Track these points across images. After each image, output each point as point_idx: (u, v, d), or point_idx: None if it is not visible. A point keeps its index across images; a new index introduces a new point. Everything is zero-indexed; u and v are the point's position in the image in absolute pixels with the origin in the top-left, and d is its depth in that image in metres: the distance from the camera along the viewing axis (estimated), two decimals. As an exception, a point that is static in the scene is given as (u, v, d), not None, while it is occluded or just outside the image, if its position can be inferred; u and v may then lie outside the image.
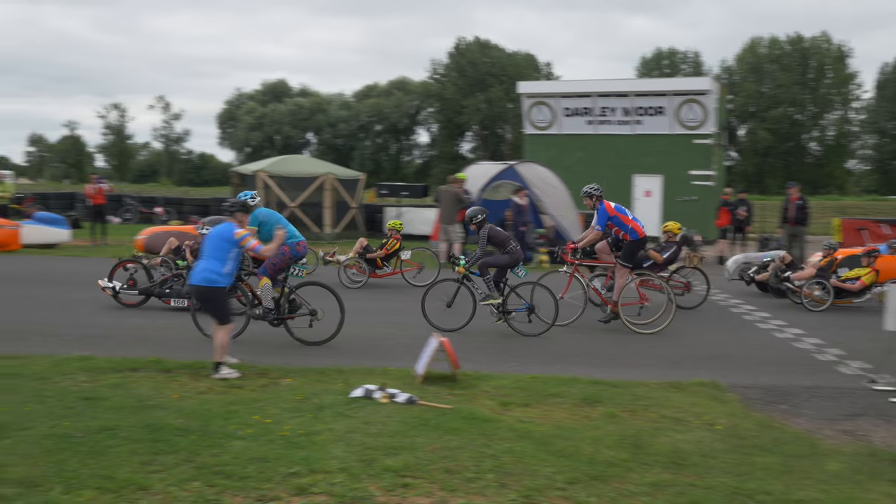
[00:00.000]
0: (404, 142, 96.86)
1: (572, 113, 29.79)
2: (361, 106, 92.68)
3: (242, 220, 8.51)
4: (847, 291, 14.13)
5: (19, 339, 9.95)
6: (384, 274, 15.56)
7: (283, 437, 6.26)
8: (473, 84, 76.76)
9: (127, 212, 30.27)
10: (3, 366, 8.24)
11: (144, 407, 6.97)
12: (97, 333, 10.38)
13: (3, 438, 6.05)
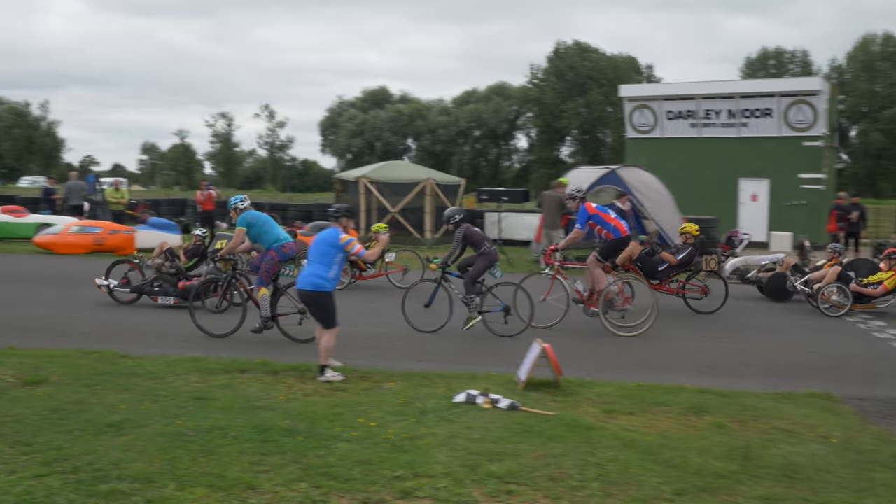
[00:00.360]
0: (503, 147, 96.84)
1: (675, 116, 29.25)
2: (461, 111, 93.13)
3: (347, 225, 8.64)
4: (868, 296, 13.79)
5: (135, 339, 10.33)
6: (369, 276, 15.73)
7: (388, 441, 6.31)
8: (572, 88, 76.20)
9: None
10: (120, 365, 8.58)
11: (253, 408, 7.13)
12: (202, 336, 10.67)
13: (121, 435, 6.29)
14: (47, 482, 5.34)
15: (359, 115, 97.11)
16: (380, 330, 11.37)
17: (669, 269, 13.51)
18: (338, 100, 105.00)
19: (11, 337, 9.96)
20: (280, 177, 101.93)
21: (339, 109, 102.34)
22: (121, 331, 10.90)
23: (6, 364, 8.50)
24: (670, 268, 13.50)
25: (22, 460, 5.74)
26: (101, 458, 5.78)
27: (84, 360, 8.76)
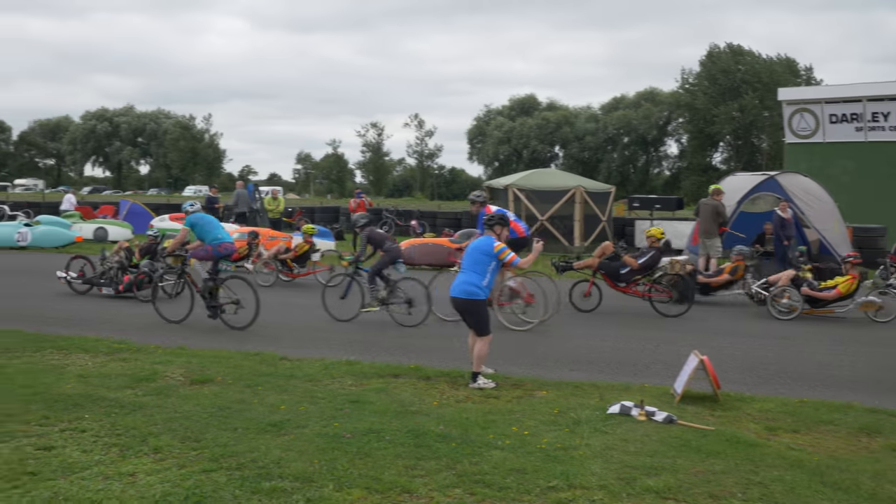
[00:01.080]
0: (652, 153, 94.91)
1: (839, 119, 27.85)
2: (609, 118, 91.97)
3: (501, 233, 8.62)
4: (822, 300, 13.73)
5: (297, 343, 10.67)
6: (299, 274, 17.02)
7: (541, 450, 6.25)
8: (726, 92, 73.74)
9: (384, 224, 31.73)
10: (280, 367, 8.88)
11: (407, 412, 7.22)
12: (362, 339, 10.92)
13: (282, 435, 6.49)
14: (214, 477, 5.57)
15: (506, 123, 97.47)
16: (531, 338, 11.30)
17: (632, 273, 13.86)
18: (485, 108, 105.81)
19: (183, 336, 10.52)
20: (428, 185, 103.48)
21: (486, 118, 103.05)
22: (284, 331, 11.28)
23: (175, 363, 8.96)
24: (633, 271, 13.84)
25: (191, 455, 6.01)
26: (263, 456, 5.98)
27: (247, 361, 9.13)
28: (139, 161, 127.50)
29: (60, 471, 5.67)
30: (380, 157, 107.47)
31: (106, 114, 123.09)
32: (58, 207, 32.39)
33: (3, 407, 7.13)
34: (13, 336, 10.38)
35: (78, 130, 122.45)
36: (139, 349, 9.74)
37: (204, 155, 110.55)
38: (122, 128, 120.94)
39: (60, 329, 11.06)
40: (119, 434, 6.49)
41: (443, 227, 29.82)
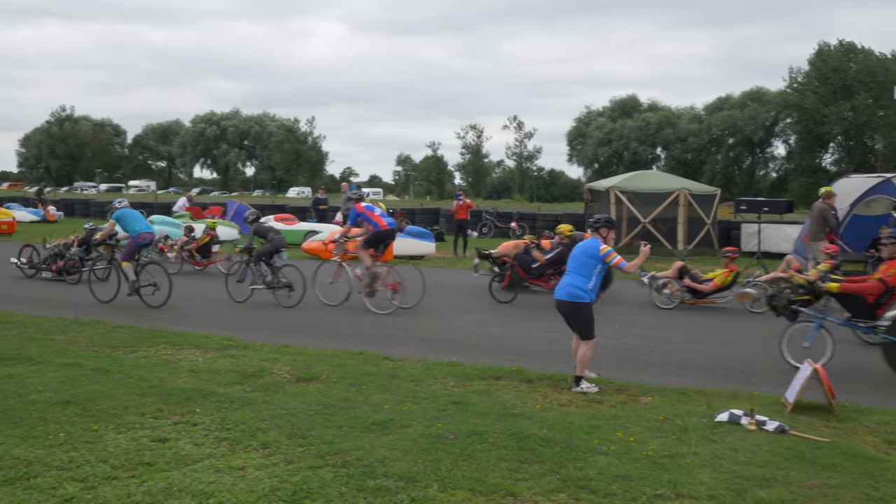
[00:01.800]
0: (759, 155, 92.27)
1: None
2: (713, 119, 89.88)
3: (607, 235, 8.50)
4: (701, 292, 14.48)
5: (398, 343, 10.76)
6: (203, 263, 18.96)
7: (647, 457, 6.12)
8: (837, 91, 70.90)
9: (485, 226, 31.80)
10: (383, 367, 8.97)
11: (509, 415, 7.19)
12: (463, 341, 10.93)
13: (386, 434, 6.55)
14: (321, 474, 5.65)
15: (607, 124, 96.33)
16: (633, 342, 11.12)
17: (542, 267, 15.04)
18: (585, 110, 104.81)
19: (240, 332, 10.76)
20: (527, 187, 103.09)
21: (586, 119, 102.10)
22: (379, 332, 11.40)
23: (281, 361, 9.16)
24: (542, 265, 15.02)
25: (298, 451, 6.12)
26: (368, 454, 6.04)
27: (351, 360, 9.26)
28: (245, 163, 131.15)
29: (174, 462, 5.85)
30: (479, 158, 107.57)
31: (214, 117, 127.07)
32: (169, 208, 33.59)
33: (122, 399, 7.41)
34: (129, 331, 10.80)
35: (188, 134, 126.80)
36: (246, 346, 9.99)
37: (307, 157, 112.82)
38: (229, 131, 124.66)
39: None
40: (229, 428, 6.66)
41: (543, 229, 29.63)
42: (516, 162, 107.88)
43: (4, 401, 7.32)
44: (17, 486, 5.39)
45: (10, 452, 6.00)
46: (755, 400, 7.85)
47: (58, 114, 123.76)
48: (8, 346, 9.68)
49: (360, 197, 15.51)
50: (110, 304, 13.38)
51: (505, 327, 12.07)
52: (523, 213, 35.27)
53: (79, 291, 14.84)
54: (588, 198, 28.91)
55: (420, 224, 30.43)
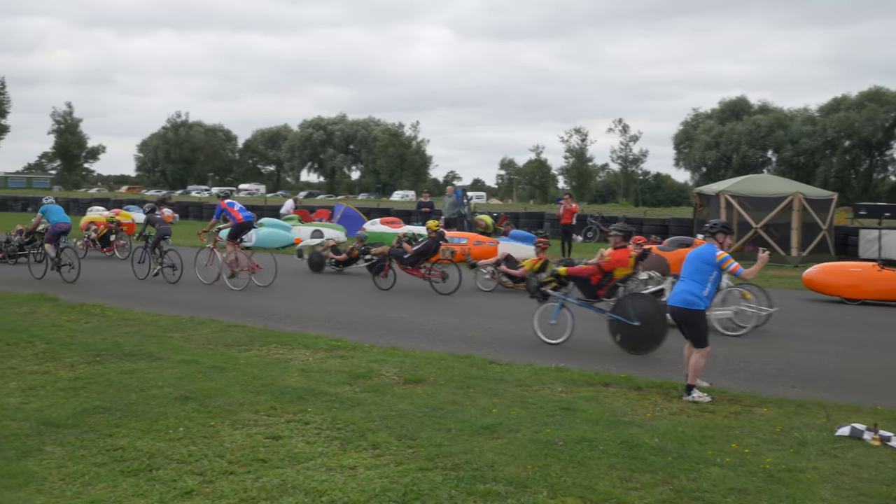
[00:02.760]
0: (877, 157, 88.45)
1: None
2: (828, 120, 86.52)
3: (724, 241, 8.27)
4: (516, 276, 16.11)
5: (499, 345, 10.74)
6: (104, 250, 22.64)
7: (764, 471, 5.93)
8: (963, 91, 67.29)
9: (589, 230, 31.45)
10: (490, 371, 8.96)
11: (619, 422, 7.08)
12: (569, 346, 10.80)
13: (494, 438, 6.54)
14: (430, 476, 5.68)
15: (715, 126, 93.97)
16: (745, 351, 10.79)
17: (412, 257, 16.50)
18: (692, 112, 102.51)
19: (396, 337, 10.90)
20: (632, 191, 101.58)
21: (694, 122, 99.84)
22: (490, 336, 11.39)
23: (389, 362, 9.25)
24: (413, 256, 16.49)
25: (407, 453, 6.17)
26: (477, 458, 6.04)
27: (457, 363, 9.28)
28: (350, 167, 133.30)
29: (287, 460, 5.98)
30: (583, 162, 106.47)
31: (321, 122, 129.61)
32: (278, 211, 34.42)
33: (237, 396, 7.62)
34: (242, 330, 11.10)
35: (296, 138, 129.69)
36: (355, 347, 10.13)
37: (411, 161, 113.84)
38: (335, 135, 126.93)
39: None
40: (339, 428, 6.76)
41: (649, 233, 29.12)
42: (621, 165, 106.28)
43: (127, 395, 7.63)
44: (140, 478, 5.61)
45: (134, 445, 6.25)
46: (878, 414, 7.52)
47: (173, 120, 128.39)
48: (130, 342, 10.09)
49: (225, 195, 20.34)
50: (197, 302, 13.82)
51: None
52: (629, 217, 34.74)
53: (189, 292, 15.34)
54: (697, 202, 28.28)
55: (524, 228, 30.34)
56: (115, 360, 9.13)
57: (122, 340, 10.19)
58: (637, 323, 10.20)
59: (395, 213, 36.45)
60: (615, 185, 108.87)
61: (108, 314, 12.28)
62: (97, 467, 5.79)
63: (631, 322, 10.24)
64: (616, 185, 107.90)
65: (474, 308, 14.06)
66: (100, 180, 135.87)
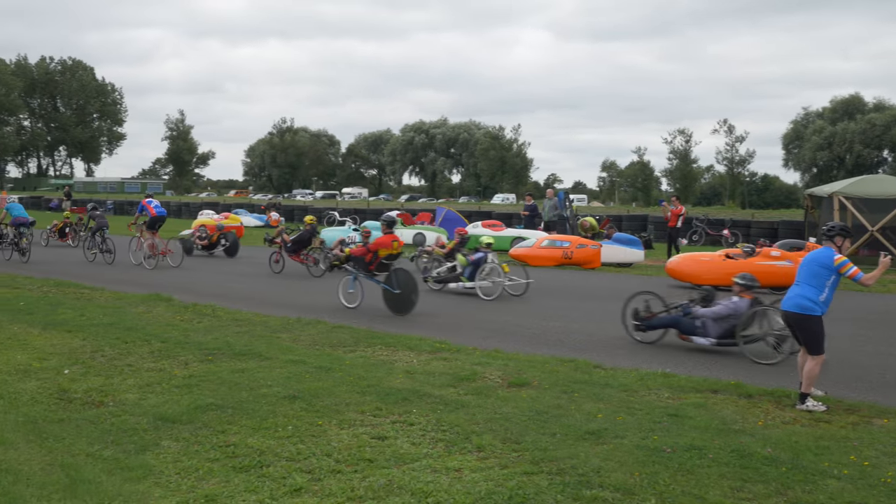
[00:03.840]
0: None
1: None
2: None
3: (842, 244, 7.95)
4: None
5: (603, 349, 10.60)
6: (62, 240, 27.81)
7: (885, 484, 5.68)
8: None
9: (695, 233, 30.80)
10: (594, 375, 8.85)
11: (729, 431, 6.89)
12: (674, 352, 10.58)
13: (600, 444, 6.45)
14: (536, 480, 5.64)
15: (826, 126, 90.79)
16: (863, 359, 10.36)
17: (293, 246, 19.59)
18: (802, 111, 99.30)
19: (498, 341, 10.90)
20: (738, 193, 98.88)
21: (804, 121, 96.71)
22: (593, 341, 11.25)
23: (493, 365, 9.25)
24: (293, 243, 19.59)
25: (512, 456, 6.15)
26: (583, 463, 5.97)
27: (561, 367, 9.20)
28: (451, 170, 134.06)
29: (393, 460, 6.04)
30: (687, 164, 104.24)
31: (423, 126, 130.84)
32: (380, 214, 34.85)
33: (343, 396, 7.75)
34: (348, 332, 11.29)
35: (397, 142, 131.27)
36: (458, 350, 10.16)
37: (512, 164, 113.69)
38: (436, 139, 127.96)
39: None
40: (444, 430, 6.79)
41: (757, 236, 28.33)
42: (727, 167, 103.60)
43: (238, 393, 7.84)
44: (251, 474, 5.75)
45: (245, 441, 6.41)
46: None
47: (279, 126, 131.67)
48: (240, 342, 10.38)
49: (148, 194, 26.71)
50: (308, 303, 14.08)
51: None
52: (736, 220, 33.89)
53: (295, 292, 15.67)
54: (808, 204, 27.37)
55: (627, 231, 29.93)
56: (226, 359, 9.41)
57: (233, 340, 10.49)
58: (398, 291, 13.23)
59: (496, 216, 36.48)
60: (720, 186, 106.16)
61: (219, 314, 12.67)
62: (210, 462, 5.97)
63: (394, 290, 13.21)
64: (722, 186, 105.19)
65: (578, 312, 13.93)
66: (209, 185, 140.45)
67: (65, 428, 6.77)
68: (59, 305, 13.31)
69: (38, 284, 16.29)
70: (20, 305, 13.24)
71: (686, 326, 10.70)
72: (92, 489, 5.43)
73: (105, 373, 8.71)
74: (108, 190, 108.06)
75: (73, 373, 8.68)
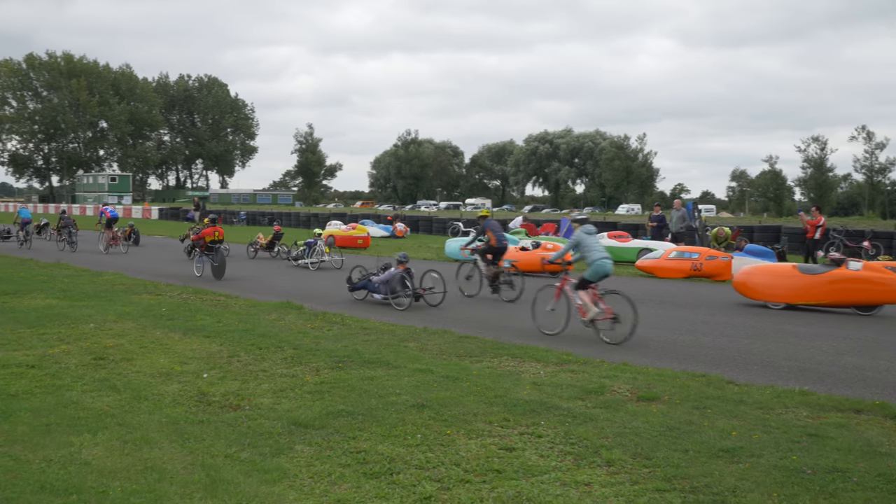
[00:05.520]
0: None
1: None
2: None
3: None
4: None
5: (735, 364, 10.27)
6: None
7: None
8: None
9: (832, 245, 29.50)
10: (727, 391, 8.58)
11: (875, 453, 6.54)
12: (813, 368, 10.13)
13: (735, 462, 6.24)
14: (668, 497, 5.51)
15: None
16: None
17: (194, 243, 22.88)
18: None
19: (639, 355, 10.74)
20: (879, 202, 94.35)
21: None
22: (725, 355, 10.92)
23: (621, 378, 9.09)
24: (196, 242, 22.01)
25: (643, 472, 6.02)
26: (717, 482, 5.79)
27: (693, 382, 8.95)
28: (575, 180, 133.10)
29: (521, 472, 6.01)
30: (822, 173, 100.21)
31: (547, 136, 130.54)
32: (505, 224, 34.91)
33: (471, 406, 7.77)
34: (474, 342, 11.32)
35: (521, 153, 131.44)
36: (585, 362, 10.05)
37: (637, 174, 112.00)
38: (560, 149, 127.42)
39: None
40: (573, 443, 6.72)
41: (902, 249, 26.90)
42: (866, 176, 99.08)
43: (368, 401, 7.98)
44: (381, 481, 5.84)
45: (375, 448, 6.52)
46: None
47: (403, 138, 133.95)
48: (368, 350, 10.56)
49: (105, 202, 35.97)
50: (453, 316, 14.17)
51: (863, 357, 11.02)
52: (877, 231, 32.29)
53: (424, 307, 15.85)
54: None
55: (759, 242, 28.98)
56: (355, 366, 9.59)
57: (362, 348, 10.69)
58: (216, 264, 20.12)
59: (621, 226, 35.95)
60: (859, 196, 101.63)
61: (348, 322, 12.95)
62: (342, 468, 6.09)
63: (214, 263, 20.16)
64: (860, 196, 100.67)
65: (709, 325, 13.54)
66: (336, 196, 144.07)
67: (204, 429, 7.04)
68: (197, 312, 13.88)
69: (178, 291, 17.07)
70: (162, 311, 13.87)
71: (371, 287, 16.14)
72: (231, 489, 5.63)
73: (241, 377, 9.02)
74: (241, 201, 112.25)
75: (211, 377, 9.03)
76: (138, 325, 12.41)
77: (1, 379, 8.77)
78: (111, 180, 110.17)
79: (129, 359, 9.95)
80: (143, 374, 9.16)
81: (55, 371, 9.22)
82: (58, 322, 12.59)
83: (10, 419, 7.27)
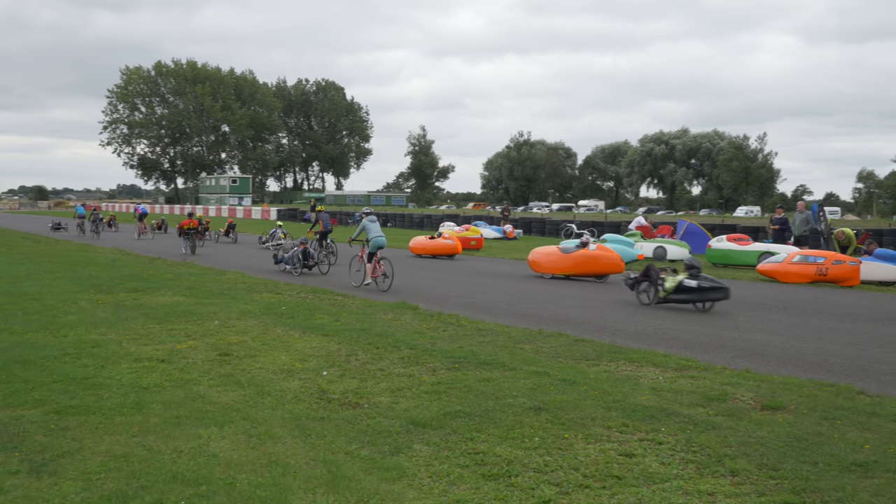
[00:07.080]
0: None
1: None
2: None
3: None
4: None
5: (866, 374, 9.81)
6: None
7: None
8: None
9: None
10: (858, 402, 8.19)
11: None
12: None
13: (870, 477, 5.97)
14: (797, 511, 5.31)
15: None
16: None
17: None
18: None
19: (749, 360, 10.42)
20: None
21: None
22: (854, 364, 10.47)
23: (744, 386, 8.82)
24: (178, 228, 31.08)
25: (770, 484, 5.83)
26: (850, 496, 5.55)
27: (820, 391, 8.61)
28: (692, 182, 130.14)
29: (642, 479, 5.91)
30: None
31: (662, 137, 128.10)
32: (618, 227, 34.43)
33: (588, 410, 7.69)
34: (590, 345, 11.21)
35: (635, 154, 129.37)
36: (706, 368, 9.80)
37: (756, 175, 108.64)
38: (676, 150, 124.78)
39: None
40: (694, 451, 6.56)
41: None
42: None
43: (485, 402, 7.99)
44: (500, 483, 5.83)
45: (493, 450, 6.52)
46: None
47: (516, 139, 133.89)
48: (484, 351, 10.58)
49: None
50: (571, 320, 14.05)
51: None
52: None
53: (542, 306, 15.77)
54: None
55: (889, 247, 27.68)
56: (471, 367, 9.62)
57: (477, 349, 10.72)
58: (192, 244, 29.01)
59: (740, 229, 34.94)
60: None
61: (463, 323, 13.00)
62: (460, 469, 6.12)
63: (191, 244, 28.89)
64: None
65: (836, 333, 12.99)
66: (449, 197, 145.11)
67: (325, 426, 7.19)
68: (316, 311, 14.20)
69: (297, 290, 17.51)
70: (282, 310, 14.25)
71: (284, 260, 22.55)
72: (352, 486, 5.72)
73: (359, 376, 9.17)
74: (355, 202, 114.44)
75: (330, 374, 9.22)
76: (260, 323, 12.78)
77: (134, 372, 9.19)
78: (232, 182, 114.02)
79: (252, 355, 10.26)
80: (266, 370, 9.43)
81: (183, 366, 9.60)
82: (184, 318, 13.10)
83: (143, 411, 7.60)
